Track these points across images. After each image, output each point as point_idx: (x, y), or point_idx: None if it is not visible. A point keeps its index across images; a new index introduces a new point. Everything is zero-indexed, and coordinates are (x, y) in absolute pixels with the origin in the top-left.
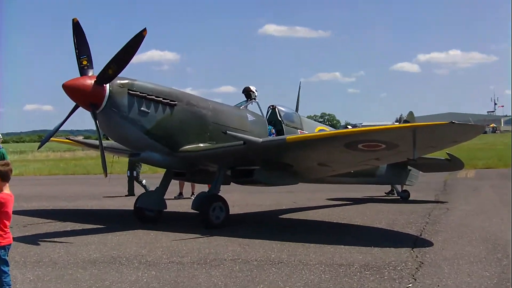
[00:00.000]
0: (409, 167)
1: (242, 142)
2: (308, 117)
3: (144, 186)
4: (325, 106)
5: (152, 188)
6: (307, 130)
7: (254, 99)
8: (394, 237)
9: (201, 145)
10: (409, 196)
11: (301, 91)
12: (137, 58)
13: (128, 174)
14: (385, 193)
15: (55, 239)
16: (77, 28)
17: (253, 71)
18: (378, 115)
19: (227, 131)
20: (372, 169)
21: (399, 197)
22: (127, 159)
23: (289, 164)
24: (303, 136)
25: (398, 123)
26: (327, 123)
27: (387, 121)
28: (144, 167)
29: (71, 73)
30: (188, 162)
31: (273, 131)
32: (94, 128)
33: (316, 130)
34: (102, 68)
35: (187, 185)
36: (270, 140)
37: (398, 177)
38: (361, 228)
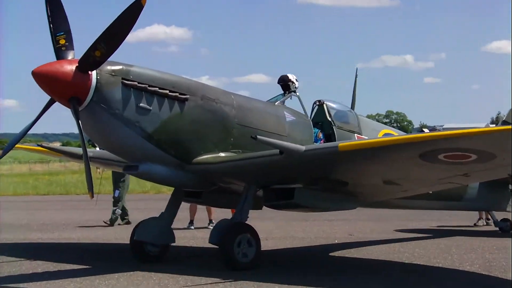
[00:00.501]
0: (511, 187)
1: (278, 150)
2: (369, 116)
3: (113, 214)
4: (391, 101)
5: (138, 217)
6: (368, 135)
7: (294, 91)
8: (492, 285)
9: (222, 154)
10: (511, 227)
11: (358, 81)
12: (134, 35)
13: (115, 195)
14: (475, 223)
15: (20, 286)
16: None
17: (292, 54)
18: (467, 114)
19: (257, 136)
20: (458, 189)
21: (497, 228)
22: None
23: (343, 181)
24: (362, 143)
25: (494, 125)
26: (395, 125)
27: (479, 122)
28: (133, 184)
29: (45, 56)
30: (205, 178)
31: (321, 135)
32: (76, 131)
33: (380, 134)
34: (87, 49)
35: (202, 210)
36: (317, 148)
37: (496, 200)
38: (445, 272)
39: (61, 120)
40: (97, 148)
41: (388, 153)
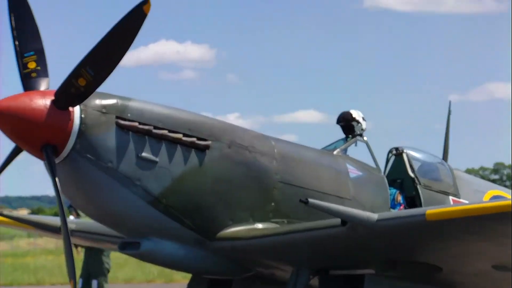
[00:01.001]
0: None
1: (339, 220)
2: (469, 171)
3: None
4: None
5: None
6: (468, 197)
7: (360, 135)
8: None
9: (259, 226)
10: None
11: (452, 119)
12: (133, 56)
13: (81, 285)
14: None
15: None
16: (17, 1)
17: (355, 82)
18: None
19: (309, 199)
20: None
21: None
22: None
23: (435, 266)
24: (460, 210)
25: None
26: (508, 183)
27: None
28: (133, 269)
29: (6, 87)
30: (235, 260)
31: (400, 198)
32: (51, 193)
33: (486, 197)
34: (67, 76)
35: None
36: (395, 218)
37: None
38: None
39: (31, 177)
40: (80, 218)
41: (500, 225)
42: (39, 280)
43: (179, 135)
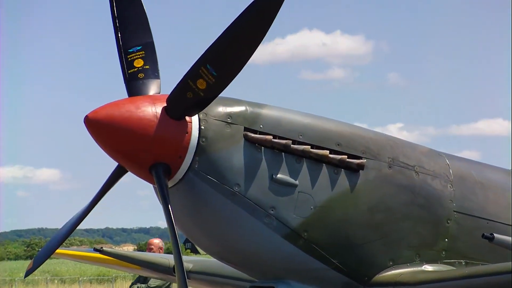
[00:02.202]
0: None
1: None
2: None
3: None
4: None
5: None
6: None
7: None
8: None
9: (429, 267)
10: None
11: None
12: (266, 50)
13: None
14: None
15: None
16: None
17: None
18: None
19: (495, 235)
20: None
21: None
22: None
23: None
24: None
25: None
26: None
27: None
28: None
29: (105, 94)
30: None
31: None
32: (161, 224)
33: None
34: (183, 76)
35: None
36: None
37: None
38: None
39: (137, 206)
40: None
41: None
42: None
43: (325, 152)
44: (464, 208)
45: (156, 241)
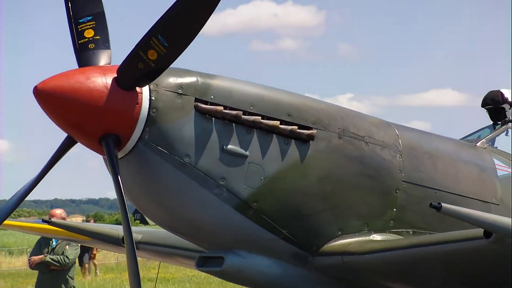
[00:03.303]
0: None
1: (481, 231)
2: None
3: None
4: None
5: None
6: None
7: None
8: None
9: (377, 237)
10: None
11: None
12: (218, 22)
13: None
14: None
15: None
16: None
17: (506, 52)
18: None
19: (442, 204)
20: None
21: None
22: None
23: None
24: None
25: None
26: None
27: None
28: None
29: (58, 63)
30: (345, 280)
31: None
32: (111, 195)
33: None
34: (134, 46)
35: None
36: None
37: None
38: None
39: (86, 176)
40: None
41: None
42: None
43: (276, 122)
44: (412, 178)
45: (58, 211)
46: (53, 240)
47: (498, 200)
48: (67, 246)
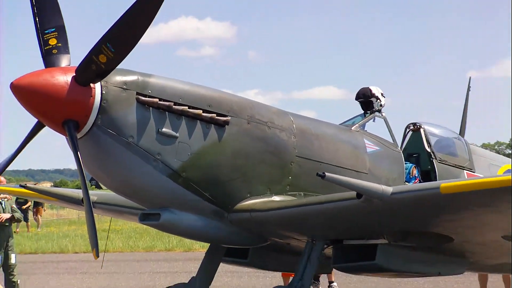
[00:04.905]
0: None
1: (354, 193)
2: (485, 146)
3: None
4: None
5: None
6: (483, 172)
7: (379, 111)
8: None
9: (276, 198)
10: None
11: (471, 95)
12: (153, 33)
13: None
14: None
15: None
16: None
17: (374, 57)
18: None
19: (326, 173)
20: None
21: None
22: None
23: (447, 236)
24: (474, 183)
25: None
26: None
27: None
28: (154, 239)
29: (29, 64)
30: (252, 230)
31: (415, 172)
32: (73, 166)
33: (501, 171)
34: (88, 52)
35: (247, 273)
36: (410, 191)
37: None
38: None
39: (53, 152)
40: (102, 190)
41: (507, 198)
42: (62, 248)
43: (199, 111)
44: (304, 153)
45: (2, 178)
46: (2, 200)
47: (367, 170)
48: (13, 205)
